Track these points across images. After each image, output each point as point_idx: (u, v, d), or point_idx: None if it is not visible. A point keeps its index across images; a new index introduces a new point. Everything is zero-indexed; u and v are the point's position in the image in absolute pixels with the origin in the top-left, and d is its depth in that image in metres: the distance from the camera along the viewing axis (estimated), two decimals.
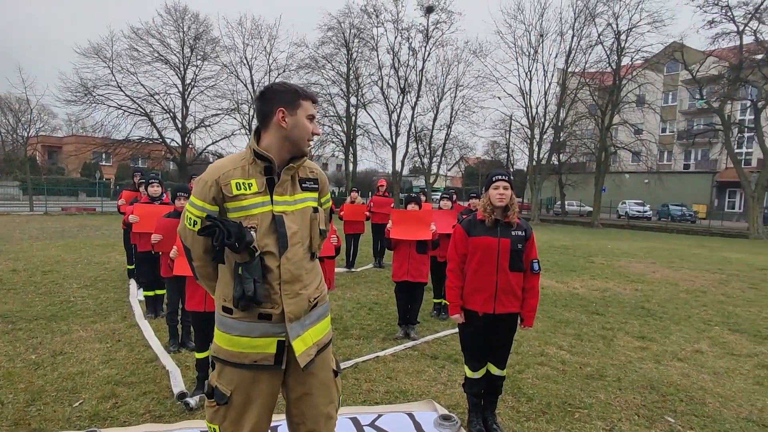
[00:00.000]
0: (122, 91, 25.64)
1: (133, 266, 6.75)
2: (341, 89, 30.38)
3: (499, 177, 2.91)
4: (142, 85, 26.13)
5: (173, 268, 3.34)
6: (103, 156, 31.30)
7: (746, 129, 28.56)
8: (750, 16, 22.07)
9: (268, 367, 1.80)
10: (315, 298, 1.89)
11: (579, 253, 13.24)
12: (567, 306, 6.78)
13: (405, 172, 34.73)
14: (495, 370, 3.13)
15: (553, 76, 28.61)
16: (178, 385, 3.59)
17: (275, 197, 1.81)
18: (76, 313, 5.40)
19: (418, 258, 4.90)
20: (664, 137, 38.17)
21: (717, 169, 36.31)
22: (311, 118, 1.85)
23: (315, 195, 1.95)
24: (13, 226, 15.30)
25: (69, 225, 16.25)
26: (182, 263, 3.33)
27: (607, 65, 27.09)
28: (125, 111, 25.93)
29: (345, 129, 30.54)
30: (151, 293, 5.40)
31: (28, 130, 25.75)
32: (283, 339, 1.80)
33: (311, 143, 1.89)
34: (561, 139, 29.22)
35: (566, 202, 34.21)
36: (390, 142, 31.03)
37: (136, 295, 6.14)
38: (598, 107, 27.87)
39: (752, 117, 24.65)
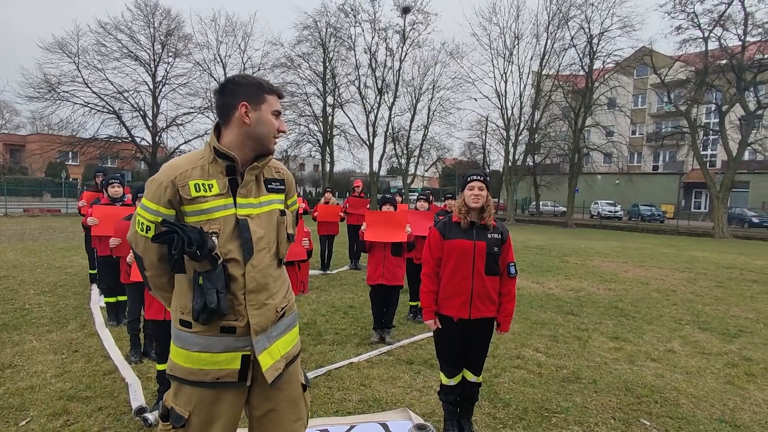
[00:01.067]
0: (89, 87, 24.76)
1: (95, 271, 6.41)
2: (317, 89, 30.10)
3: (475, 177, 2.82)
4: (110, 81, 25.31)
5: (131, 274, 3.12)
6: (70, 155, 30.13)
7: (711, 132, 29.59)
8: (714, 23, 22.85)
9: (231, 385, 1.64)
10: (283, 308, 1.75)
11: (554, 253, 13.39)
12: (543, 307, 6.78)
13: (382, 172, 34.63)
14: (471, 377, 3.03)
15: (528, 78, 29.07)
16: (137, 398, 3.37)
17: (239, 199, 1.66)
18: (31, 322, 5.07)
19: (393, 260, 4.78)
20: (634, 139, 39.25)
21: (684, 171, 37.54)
22: (277, 113, 1.71)
23: (282, 197, 1.81)
24: None
25: (30, 227, 15.52)
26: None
27: (580, 68, 27.66)
28: (92, 108, 25.03)
29: (321, 129, 30.25)
30: (112, 299, 5.11)
31: None
32: (249, 353, 1.65)
33: (277, 141, 1.75)
34: (536, 141, 29.67)
35: (541, 203, 34.77)
36: (367, 142, 30.91)
37: (98, 301, 5.82)
38: (571, 109, 28.43)
39: (717, 120, 25.54)
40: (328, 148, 30.92)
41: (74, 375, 3.79)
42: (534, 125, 28.89)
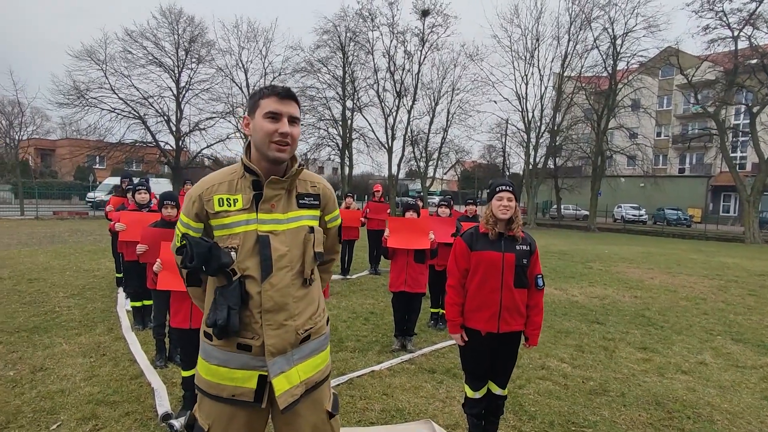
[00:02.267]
0: (116, 93, 25.36)
1: (121, 275, 6.55)
2: (337, 93, 30.23)
3: (503, 188, 2.76)
4: (135, 88, 25.88)
5: (157, 282, 3.16)
6: (97, 159, 30.93)
7: (741, 133, 28.68)
8: (744, 21, 22.15)
9: (247, 404, 1.62)
10: (306, 330, 1.68)
11: (577, 258, 13.14)
12: (566, 315, 6.65)
13: (401, 175, 34.56)
14: (497, 390, 2.98)
15: (549, 80, 28.65)
16: (163, 404, 3.41)
17: (261, 215, 1.62)
18: (61, 325, 5.20)
19: (416, 267, 4.74)
20: (659, 141, 38.33)
21: (712, 173, 36.46)
22: (272, 115, 1.59)
23: (315, 213, 1.74)
24: (2, 231, 15.01)
25: (60, 230, 15.98)
26: (166, 277, 3.16)
27: (603, 69, 27.15)
28: (119, 114, 25.64)
29: (341, 132, 30.39)
30: (138, 304, 5.21)
31: (20, 133, 25.43)
32: (266, 374, 1.61)
33: (280, 146, 1.59)
34: (557, 143, 29.20)
35: (562, 206, 34.20)
36: (386, 145, 30.90)
37: (124, 305, 5.94)
38: (594, 111, 27.89)
39: (747, 121, 24.74)
40: (347, 152, 31.03)
41: (102, 379, 3.86)
42: (555, 128, 28.46)
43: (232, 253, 1.58)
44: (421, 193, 31.53)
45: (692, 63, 25.35)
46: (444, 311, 5.77)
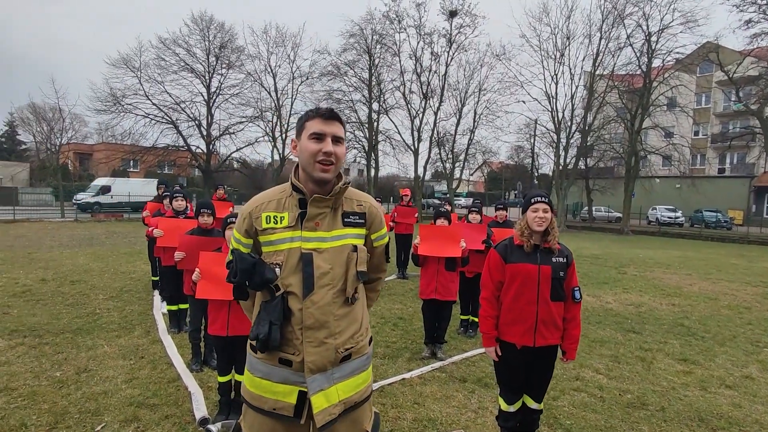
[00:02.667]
0: (149, 100, 26.20)
1: (157, 278, 6.75)
2: (363, 95, 30.37)
3: (539, 199, 2.71)
4: (168, 93, 26.66)
5: (195, 292, 3.24)
6: (131, 163, 32.06)
7: None
8: None
9: (287, 418, 1.65)
10: (347, 349, 1.69)
11: (610, 263, 12.77)
12: (600, 323, 6.47)
13: (427, 177, 34.42)
14: (532, 404, 2.92)
15: (580, 79, 27.94)
16: (200, 408, 3.50)
17: (305, 233, 1.65)
18: (102, 327, 5.40)
19: (447, 275, 4.71)
20: (696, 140, 36.85)
21: (755, 173, 34.80)
22: (317, 136, 1.63)
23: (360, 231, 1.75)
24: (44, 233, 15.73)
25: (97, 232, 16.62)
26: (204, 287, 3.24)
27: (637, 67, 26.28)
28: (152, 119, 26.46)
29: (367, 135, 30.51)
30: (174, 307, 5.36)
31: (60, 138, 26.59)
32: (305, 390, 1.64)
33: (324, 166, 1.62)
34: (588, 144, 28.48)
35: (594, 208, 33.30)
36: (412, 147, 30.85)
37: (160, 307, 6.12)
38: (627, 110, 27.03)
39: None
40: (373, 154, 31.14)
41: (142, 381, 3.98)
42: (586, 127, 27.76)
43: (276, 269, 1.63)
44: (447, 195, 31.31)
45: (733, 59, 24.29)
46: (474, 318, 5.74)
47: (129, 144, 28.20)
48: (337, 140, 1.66)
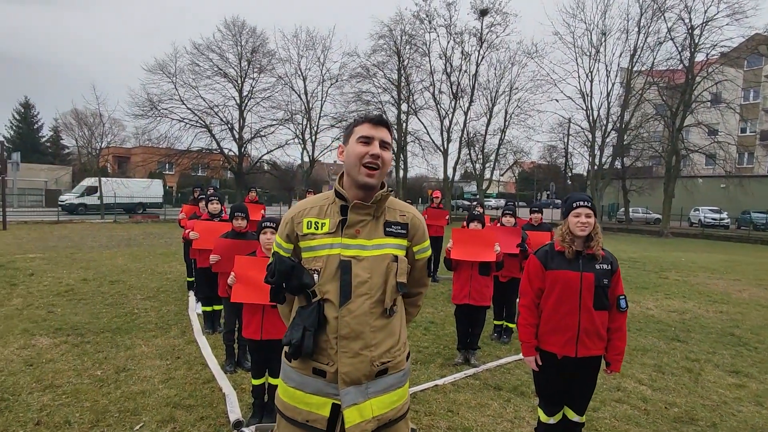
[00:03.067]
0: (184, 104, 26.98)
1: (192, 279, 6.90)
2: (392, 96, 30.37)
3: (581, 203, 2.58)
4: (202, 98, 27.39)
5: (231, 295, 3.26)
6: (167, 166, 33.11)
7: None
8: None
9: (319, 431, 1.61)
10: (384, 363, 1.63)
11: (649, 267, 12.26)
12: (641, 330, 6.19)
13: (456, 177, 34.06)
14: (573, 416, 2.79)
15: (616, 76, 27.04)
16: (234, 410, 3.52)
17: (345, 240, 1.62)
18: (139, 327, 5.54)
19: (480, 280, 4.59)
20: (744, 138, 35.01)
21: None
22: (365, 140, 1.62)
23: (401, 242, 1.70)
24: (86, 233, 16.40)
25: (135, 233, 17.20)
26: (239, 290, 3.25)
27: (679, 62, 25.16)
28: (187, 123, 27.24)
29: (395, 136, 30.46)
30: (209, 309, 5.45)
31: (100, 142, 27.73)
32: (339, 403, 1.59)
33: (369, 170, 1.60)
34: (625, 143, 27.51)
35: (630, 209, 32.15)
36: (441, 148, 30.61)
37: (195, 308, 6.24)
38: (667, 107, 25.91)
39: None
40: (401, 155, 31.07)
41: (178, 382, 4.05)
42: (623, 126, 26.83)
43: (314, 275, 1.61)
44: (477, 196, 30.91)
45: None
46: (508, 324, 5.59)
47: (165, 147, 29.11)
48: (384, 145, 1.65)
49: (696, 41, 24.31)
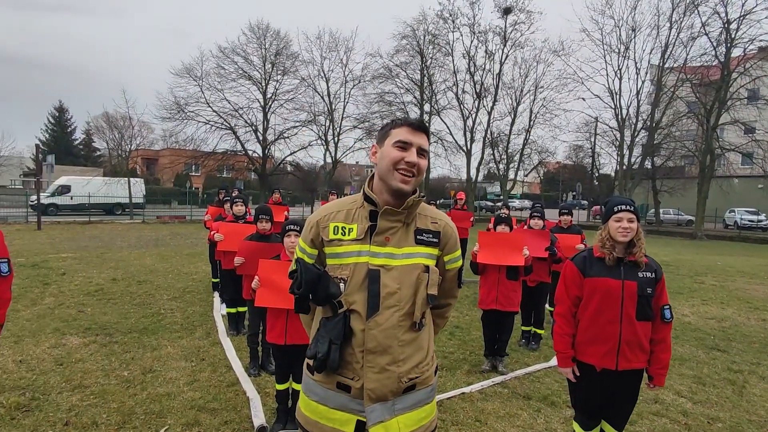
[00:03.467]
0: (210, 107, 27.45)
1: (217, 279, 6.94)
2: (415, 97, 30.22)
3: (624, 207, 2.43)
4: (227, 100, 27.80)
5: (255, 299, 3.22)
6: (193, 167, 33.78)
7: None
8: None
9: None
10: (411, 379, 1.55)
11: (683, 270, 11.78)
12: (678, 338, 5.91)
13: (479, 178, 33.64)
14: (611, 431, 2.63)
15: (646, 73, 26.23)
16: (258, 415, 3.49)
17: (374, 248, 1.53)
18: (165, 327, 5.59)
19: (508, 285, 4.44)
20: None
21: None
22: (402, 145, 1.52)
23: (433, 251, 1.61)
24: (115, 234, 16.82)
25: (162, 233, 17.56)
26: (263, 294, 3.21)
27: (713, 58, 24.18)
28: (212, 125, 27.72)
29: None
30: (233, 310, 5.46)
31: (130, 144, 28.47)
32: (364, 420, 1.51)
33: (404, 175, 1.51)
34: (656, 142, 26.62)
35: (661, 210, 31.12)
36: (464, 148, 30.29)
37: (220, 309, 6.27)
38: (701, 105, 24.93)
39: None
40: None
41: (202, 384, 4.04)
42: (654, 124, 25.98)
43: (341, 284, 1.53)
44: (501, 197, 30.47)
45: None
46: (536, 330, 5.41)
47: (191, 149, 29.69)
48: (421, 152, 1.56)
49: (732, 36, 23.31)
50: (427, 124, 1.63)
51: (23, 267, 9.03)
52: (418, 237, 1.58)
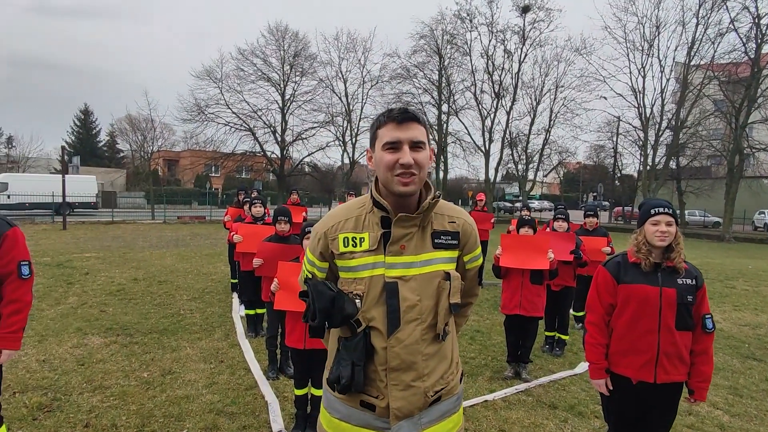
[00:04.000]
0: (229, 108, 27.81)
1: (236, 280, 6.94)
2: (432, 97, 30.05)
3: (661, 210, 2.29)
4: (246, 102, 28.15)
5: (274, 303, 3.16)
6: (213, 168, 34.26)
7: None
8: None
9: None
10: (437, 391, 1.46)
11: (713, 274, 11.37)
12: None
13: (498, 178, 33.25)
14: None
15: (671, 71, 25.51)
16: (276, 420, 3.43)
17: (389, 258, 1.41)
18: (185, 328, 5.59)
19: (532, 289, 4.30)
20: None
21: None
22: (392, 146, 1.38)
23: (452, 254, 1.49)
24: (137, 234, 17.10)
25: (183, 233, 17.78)
26: (282, 298, 3.15)
27: (743, 54, 23.36)
28: (232, 127, 28.07)
29: (436, 137, 30.11)
30: (252, 312, 5.43)
31: (152, 146, 28.99)
32: None
33: (404, 179, 1.37)
34: (681, 141, 25.89)
35: (686, 212, 30.24)
36: (483, 148, 29.99)
37: (239, 310, 6.26)
38: (729, 103, 24.13)
39: None
40: (442, 156, 30.69)
41: (221, 387, 4.01)
42: (679, 123, 25.26)
43: (356, 300, 1.42)
44: (520, 197, 30.04)
45: None
46: (561, 335, 5.24)
47: (211, 150, 30.10)
48: (416, 146, 1.39)
49: (763, 31, 22.48)
50: (415, 110, 1.44)
51: (49, 266, 9.23)
52: (436, 240, 1.45)
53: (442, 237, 1.46)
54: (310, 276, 1.54)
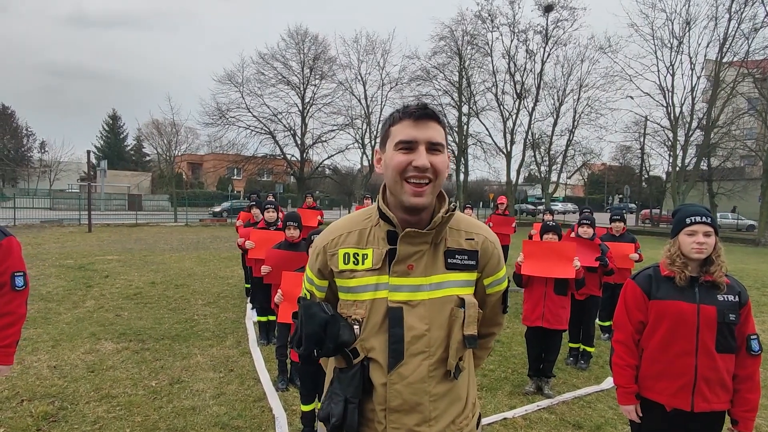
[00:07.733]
0: (250, 112, 28.13)
1: (249, 285, 6.86)
2: (453, 98, 29.72)
3: (698, 219, 2.05)
4: (267, 105, 28.42)
5: (278, 314, 3.02)
6: (235, 171, 34.69)
7: None
8: None
9: None
10: None
11: (748, 281, 10.77)
12: None
13: (519, 181, 32.65)
14: None
15: (702, 68, 24.56)
16: None
17: (394, 279, 1.23)
18: (197, 334, 5.52)
19: (556, 300, 4.05)
20: None
21: None
22: (405, 145, 1.19)
23: (469, 277, 1.28)
24: (159, 236, 17.34)
25: (204, 236, 17.95)
26: (287, 309, 3.01)
27: None
28: (252, 130, 28.37)
29: (456, 139, 29.76)
30: (264, 319, 5.32)
31: (176, 149, 29.52)
32: None
33: (417, 187, 1.18)
34: (712, 141, 24.90)
35: (719, 214, 29.06)
36: (504, 150, 29.47)
37: (251, 317, 6.17)
38: (765, 101, 23.07)
39: None
40: (462, 158, 30.33)
41: (228, 398, 3.89)
42: (710, 123, 24.29)
43: (355, 327, 1.23)
44: (542, 200, 29.41)
45: None
46: (586, 347, 4.96)
47: (233, 154, 30.48)
48: (434, 148, 1.21)
49: None
50: (435, 108, 1.25)
51: (71, 269, 9.36)
52: (450, 261, 1.25)
53: (457, 257, 1.26)
54: (307, 295, 1.38)
